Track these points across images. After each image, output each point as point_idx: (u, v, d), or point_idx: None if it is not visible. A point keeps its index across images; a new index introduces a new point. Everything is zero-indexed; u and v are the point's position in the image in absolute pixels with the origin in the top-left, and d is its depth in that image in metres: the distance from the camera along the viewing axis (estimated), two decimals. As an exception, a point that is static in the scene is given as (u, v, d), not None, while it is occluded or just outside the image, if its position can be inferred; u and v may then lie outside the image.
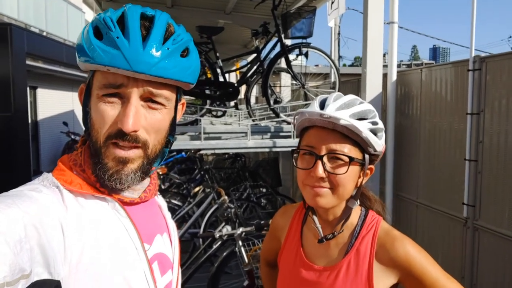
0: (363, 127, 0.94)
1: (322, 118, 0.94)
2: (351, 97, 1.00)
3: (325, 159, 0.95)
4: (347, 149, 0.95)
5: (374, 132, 0.97)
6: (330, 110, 0.94)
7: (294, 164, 1.02)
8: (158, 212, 0.94)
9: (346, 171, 0.95)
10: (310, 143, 0.98)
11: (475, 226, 2.98)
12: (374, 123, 0.97)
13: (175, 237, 0.96)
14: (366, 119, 0.97)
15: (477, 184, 2.96)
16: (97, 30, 0.73)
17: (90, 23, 0.75)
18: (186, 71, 0.77)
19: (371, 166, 1.02)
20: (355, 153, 0.97)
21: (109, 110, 0.73)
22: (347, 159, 0.95)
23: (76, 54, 0.75)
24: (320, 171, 0.94)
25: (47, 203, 0.68)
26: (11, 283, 0.56)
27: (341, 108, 0.95)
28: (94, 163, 0.76)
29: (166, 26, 0.76)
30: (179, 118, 0.87)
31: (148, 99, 0.75)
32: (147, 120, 0.75)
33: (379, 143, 0.97)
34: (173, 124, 0.83)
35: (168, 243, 0.92)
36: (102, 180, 0.76)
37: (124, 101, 0.73)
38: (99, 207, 0.76)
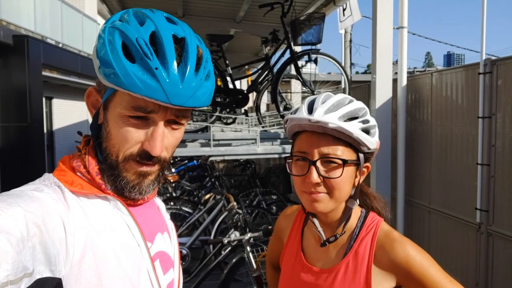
0: (353, 128, 0.92)
1: (311, 123, 0.93)
2: (339, 96, 0.98)
3: (318, 164, 0.93)
4: (340, 152, 0.93)
5: (366, 130, 0.95)
6: (318, 115, 0.92)
7: (289, 171, 1.01)
8: (157, 212, 0.95)
9: (341, 174, 0.93)
10: (302, 149, 0.96)
11: (489, 231, 2.91)
12: (365, 122, 0.95)
13: (174, 236, 0.97)
14: (357, 118, 0.95)
15: (490, 188, 2.90)
16: (126, 48, 0.70)
17: (115, 36, 0.71)
18: (210, 95, 0.79)
19: (367, 164, 1.01)
20: (348, 154, 0.95)
21: (134, 131, 0.75)
22: (340, 162, 0.93)
23: (100, 68, 0.71)
24: (314, 176, 0.93)
25: (49, 202, 0.69)
26: (14, 282, 0.56)
27: (329, 111, 0.93)
28: (113, 175, 0.78)
29: (196, 50, 0.75)
30: None
31: (172, 121, 0.77)
32: (168, 139, 0.78)
33: (372, 141, 0.95)
34: None
35: (168, 242, 0.92)
36: (121, 191, 0.78)
37: (149, 123, 0.75)
38: (101, 206, 0.77)
